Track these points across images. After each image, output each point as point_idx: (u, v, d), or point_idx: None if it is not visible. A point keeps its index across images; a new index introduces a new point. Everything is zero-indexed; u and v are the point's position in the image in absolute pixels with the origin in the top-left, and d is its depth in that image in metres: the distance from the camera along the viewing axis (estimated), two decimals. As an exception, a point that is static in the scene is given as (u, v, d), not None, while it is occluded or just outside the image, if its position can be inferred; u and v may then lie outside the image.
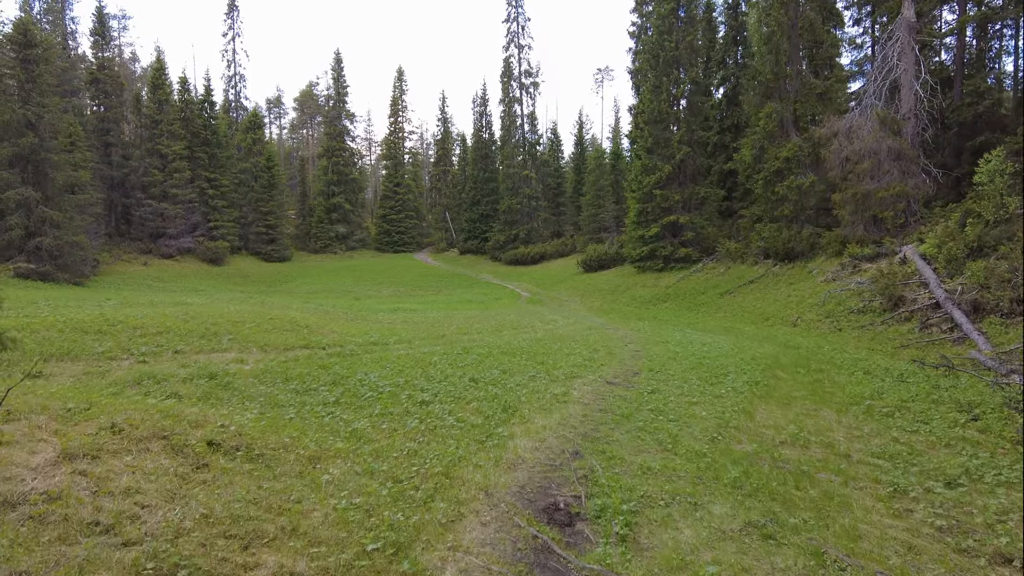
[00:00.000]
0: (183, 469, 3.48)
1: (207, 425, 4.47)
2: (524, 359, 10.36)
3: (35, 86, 29.44)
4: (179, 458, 3.63)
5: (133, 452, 3.47)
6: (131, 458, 3.36)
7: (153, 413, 4.33)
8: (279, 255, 53.12)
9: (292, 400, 6.68)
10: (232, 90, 60.33)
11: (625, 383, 8.86)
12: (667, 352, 12.16)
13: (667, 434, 6.18)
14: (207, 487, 3.35)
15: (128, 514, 2.70)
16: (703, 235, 31.26)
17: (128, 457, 3.35)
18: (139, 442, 3.62)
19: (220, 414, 5.34)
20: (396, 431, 5.68)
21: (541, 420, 6.58)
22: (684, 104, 33.36)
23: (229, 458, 4.07)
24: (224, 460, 3.97)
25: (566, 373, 9.27)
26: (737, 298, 23.62)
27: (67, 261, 29.57)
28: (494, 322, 18.35)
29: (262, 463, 4.20)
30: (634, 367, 10.32)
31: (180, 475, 3.37)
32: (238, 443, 4.38)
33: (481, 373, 8.69)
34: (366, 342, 11.91)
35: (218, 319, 11.94)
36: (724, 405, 7.55)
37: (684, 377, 9.30)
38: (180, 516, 2.84)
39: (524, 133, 55.74)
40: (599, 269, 38.32)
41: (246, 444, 4.41)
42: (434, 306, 28.04)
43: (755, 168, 28.58)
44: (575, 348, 12.30)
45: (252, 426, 5.06)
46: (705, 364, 10.51)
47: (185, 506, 2.96)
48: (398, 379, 7.96)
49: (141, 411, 4.39)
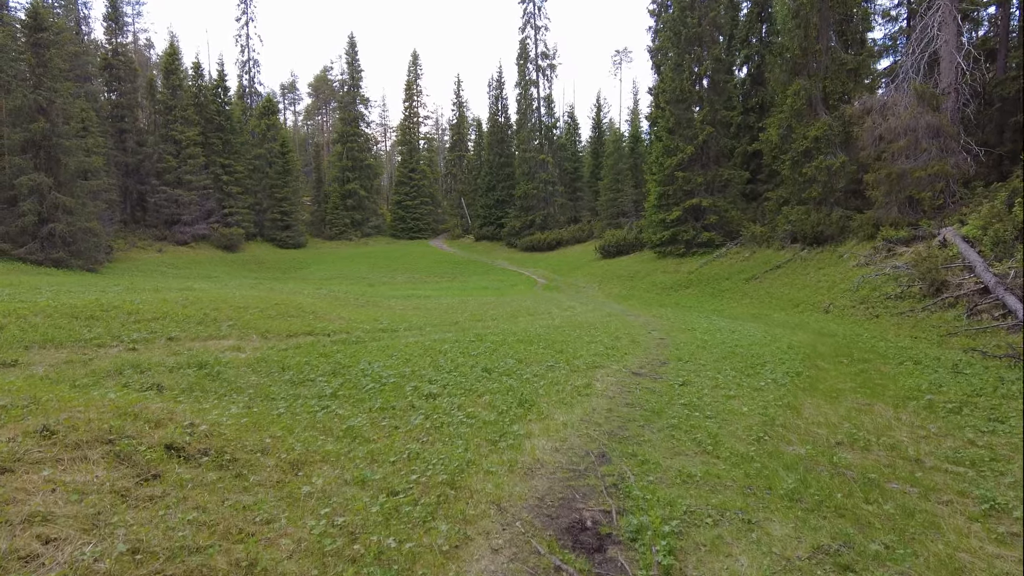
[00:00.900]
0: (124, 483, 2.81)
1: (170, 424, 3.80)
2: (541, 347, 9.63)
3: (46, 71, 29.10)
4: (122, 468, 2.97)
5: (63, 462, 2.81)
6: (55, 471, 2.70)
7: (106, 411, 3.68)
8: (294, 242, 52.83)
9: (285, 392, 6.03)
10: (246, 76, 59.89)
11: (652, 374, 8.09)
12: (695, 340, 11.34)
13: (705, 433, 5.43)
14: (149, 507, 2.68)
15: (21, 554, 2.04)
16: (726, 219, 30.16)
17: (51, 470, 2.69)
18: (74, 449, 2.97)
19: (196, 409, 4.69)
20: (397, 429, 5.00)
21: (561, 416, 5.86)
22: (706, 83, 32.11)
23: (191, 466, 3.41)
24: (184, 469, 3.31)
25: (587, 363, 8.52)
26: (764, 284, 22.62)
27: (80, 247, 29.37)
28: (509, 309, 17.64)
29: (232, 471, 3.53)
30: (660, 356, 9.54)
31: (117, 491, 2.71)
32: (206, 446, 3.71)
33: (495, 363, 7.97)
34: (374, 329, 11.26)
35: (220, 305, 11.37)
36: (766, 399, 6.76)
37: (717, 367, 8.51)
38: (95, 553, 2.17)
39: (540, 116, 54.58)
40: (618, 255, 37.37)
41: (217, 447, 3.74)
42: (448, 292, 27.39)
43: (782, 148, 27.40)
44: (596, 336, 11.54)
45: (231, 424, 4.40)
46: (738, 353, 9.69)
47: (107, 538, 2.28)
48: (404, 369, 7.28)
49: (94, 408, 3.74)
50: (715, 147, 31.37)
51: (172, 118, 44.36)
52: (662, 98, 33.07)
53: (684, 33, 31.01)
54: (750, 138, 33.38)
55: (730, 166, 32.21)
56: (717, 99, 31.63)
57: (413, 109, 68.87)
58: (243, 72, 59.94)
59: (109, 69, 43.34)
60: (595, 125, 60.83)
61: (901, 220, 20.53)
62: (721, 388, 7.28)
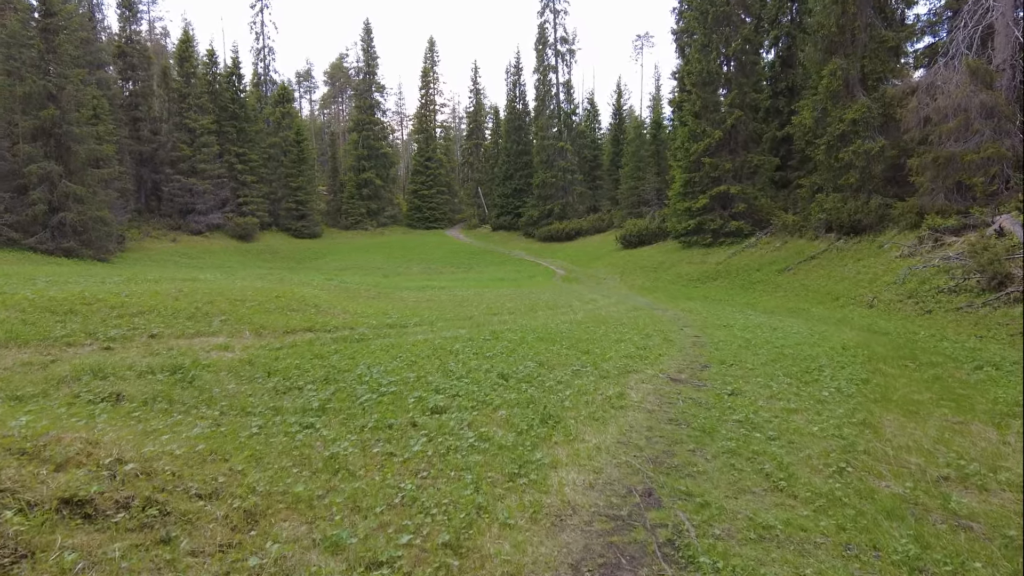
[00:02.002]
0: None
1: (84, 464, 2.87)
2: (565, 347, 8.62)
3: (55, 56, 28.57)
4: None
5: None
6: None
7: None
8: (309, 231, 52.24)
9: (264, 404, 5.09)
10: (261, 63, 59.28)
11: (694, 380, 7.04)
12: (734, 338, 10.24)
13: (772, 461, 4.38)
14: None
15: None
16: (756, 207, 28.76)
17: None
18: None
19: (140, 433, 3.76)
20: (392, 458, 4.02)
21: (593, 437, 4.85)
22: (734, 65, 30.59)
23: (95, 529, 2.46)
24: (80, 537, 2.36)
25: (618, 366, 7.48)
26: (797, 276, 21.33)
27: (91, 237, 28.90)
28: (528, 301, 16.63)
29: (158, 533, 2.58)
30: (700, 358, 8.47)
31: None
32: (130, 494, 2.77)
33: (513, 366, 6.98)
34: (381, 324, 10.33)
35: (216, 297, 10.51)
36: (834, 414, 5.68)
37: (767, 372, 7.42)
38: None
39: (559, 103, 53.18)
40: (639, 245, 36.11)
41: (145, 495, 2.79)
42: (464, 284, 26.47)
43: (815, 132, 25.91)
44: (624, 333, 10.48)
45: (181, 454, 3.46)
46: (787, 355, 8.58)
47: None
48: (408, 374, 6.31)
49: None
50: (744, 131, 29.91)
51: (186, 106, 43.82)
52: (688, 81, 31.63)
53: (711, 12, 29.54)
54: (779, 123, 31.83)
55: (759, 152, 30.74)
56: (746, 81, 30.12)
57: (429, 97, 67.78)
58: (258, 60, 59.35)
59: (123, 57, 42.88)
60: (615, 112, 59.26)
61: (949, 208, 19.09)
62: (778, 399, 6.21)
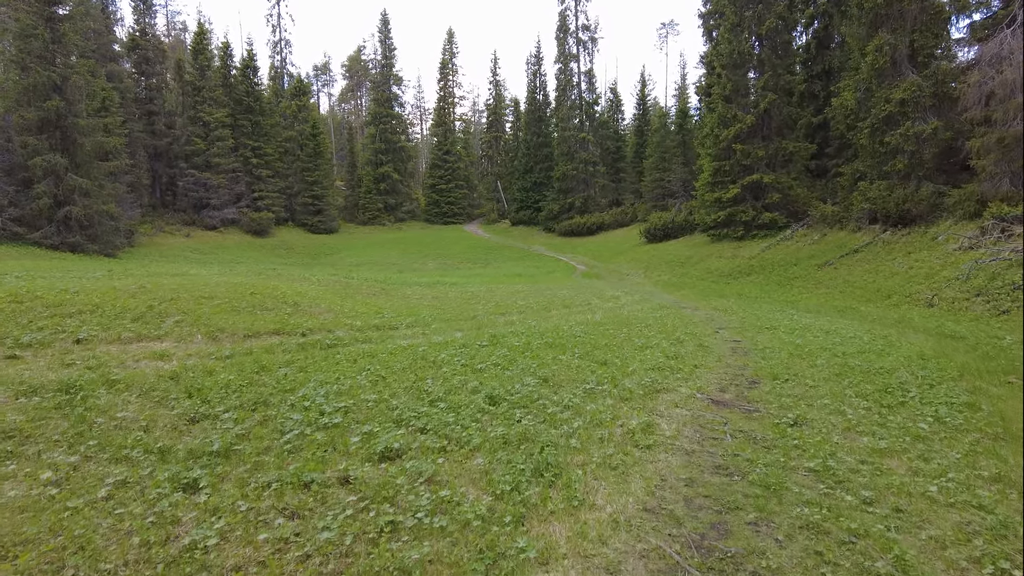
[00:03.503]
0: None
1: None
2: (577, 356, 7.08)
3: (60, 46, 27.80)
4: None
5: None
6: None
7: None
8: (326, 227, 51.24)
9: (150, 444, 3.67)
10: (278, 56, 58.45)
11: (742, 402, 5.45)
12: (782, 344, 8.57)
13: (880, 548, 2.81)
14: None
15: None
16: (791, 197, 26.75)
17: None
18: None
19: None
20: (282, 553, 2.55)
21: (608, 499, 3.33)
22: (767, 45, 28.54)
23: None
24: None
25: (643, 384, 5.91)
26: (840, 271, 19.41)
27: (97, 232, 28.11)
28: (542, 299, 15.09)
29: None
30: (745, 370, 6.85)
31: None
32: None
33: (507, 384, 5.46)
34: (366, 325, 8.92)
35: (180, 294, 9.20)
36: (947, 460, 4.06)
37: (834, 392, 5.79)
38: None
39: (581, 92, 51.28)
40: (665, 239, 34.24)
41: None
42: (477, 280, 25.04)
43: (858, 115, 23.85)
44: (649, 337, 8.89)
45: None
46: (852, 366, 6.91)
47: None
48: (367, 396, 4.85)
49: None
50: (777, 116, 27.89)
51: (200, 99, 43.09)
52: (717, 63, 29.66)
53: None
54: (815, 108, 29.73)
55: (793, 138, 28.67)
56: (779, 63, 28.06)
57: (448, 89, 66.38)
58: (275, 53, 58.52)
59: (136, 49, 42.26)
60: (639, 102, 57.14)
61: (1016, 195, 17.05)
62: (859, 432, 4.60)
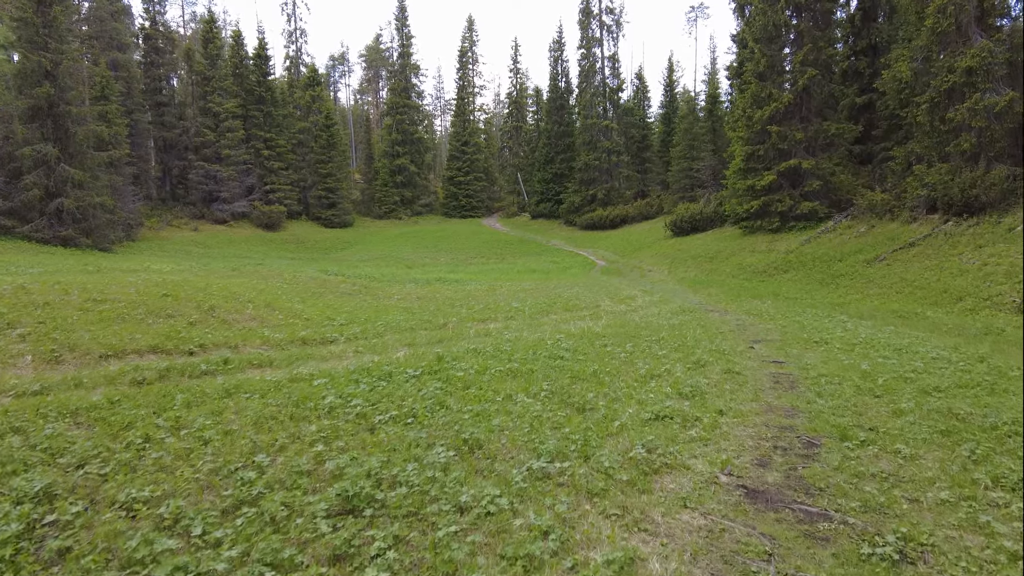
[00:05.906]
0: None
1: None
2: (544, 394, 4.94)
3: (51, 31, 26.53)
4: None
5: None
6: None
7: None
8: (340, 221, 49.76)
9: None
10: (293, 46, 57.13)
11: (797, 495, 3.25)
12: (841, 369, 6.28)
13: None
14: None
15: None
16: (833, 184, 24.00)
17: None
18: None
19: None
20: None
21: None
22: (806, 16, 25.74)
23: None
24: None
25: (631, 455, 3.72)
26: (894, 268, 16.80)
27: (91, 225, 26.84)
28: (544, 299, 12.97)
29: None
30: (794, 417, 4.62)
31: None
32: None
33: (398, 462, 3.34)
34: (289, 339, 6.93)
35: (66, 297, 7.36)
36: None
37: (945, 465, 3.55)
38: None
39: (604, 78, 48.62)
40: (692, 232, 31.66)
41: None
42: (485, 276, 23.01)
43: (914, 89, 21.03)
44: (659, 359, 6.69)
45: None
46: (963, 417, 4.61)
47: None
48: (109, 494, 2.81)
49: None
50: (818, 95, 25.11)
51: (210, 89, 41.87)
52: (750, 36, 26.95)
53: (780, -47, 24.80)
54: (859, 87, 26.81)
55: (836, 120, 25.85)
56: (820, 35, 25.22)
57: (468, 78, 64.28)
58: (290, 43, 57.20)
59: (146, 39, 41.26)
60: (667, 89, 54.25)
61: (1114, 176, 14.26)
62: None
